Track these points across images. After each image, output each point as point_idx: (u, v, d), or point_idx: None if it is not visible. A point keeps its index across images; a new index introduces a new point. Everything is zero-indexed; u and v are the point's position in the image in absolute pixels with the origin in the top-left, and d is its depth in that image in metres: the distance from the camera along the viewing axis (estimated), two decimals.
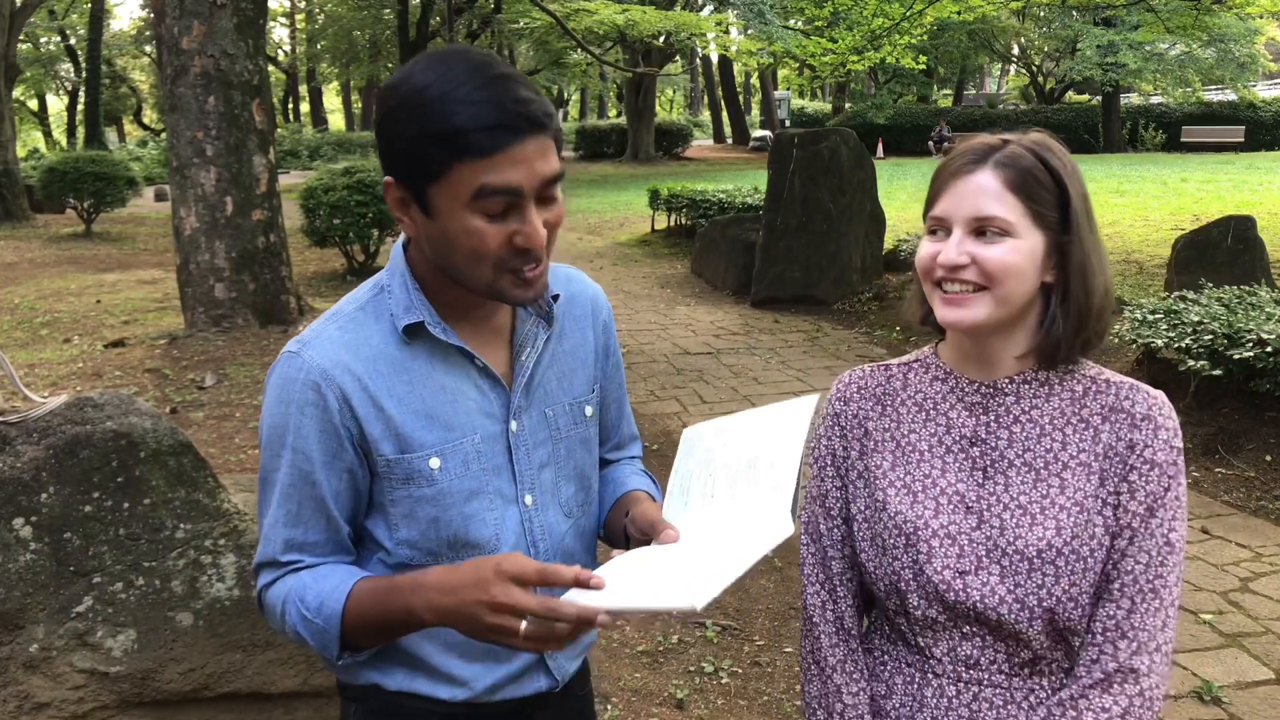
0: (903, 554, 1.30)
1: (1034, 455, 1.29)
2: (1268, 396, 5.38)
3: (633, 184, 23.67)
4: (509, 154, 1.15)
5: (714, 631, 3.72)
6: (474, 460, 1.30)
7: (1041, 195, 1.25)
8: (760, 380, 7.30)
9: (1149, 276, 10.03)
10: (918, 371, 1.40)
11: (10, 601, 2.15)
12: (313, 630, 1.26)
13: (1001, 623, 1.26)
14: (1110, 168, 22.52)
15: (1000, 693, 1.29)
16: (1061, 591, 1.24)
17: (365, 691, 1.38)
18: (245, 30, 7.88)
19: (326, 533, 1.30)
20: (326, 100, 56.87)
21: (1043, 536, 1.25)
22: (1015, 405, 1.31)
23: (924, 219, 1.34)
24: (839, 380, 1.45)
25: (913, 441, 1.35)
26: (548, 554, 1.38)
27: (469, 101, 1.13)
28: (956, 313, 1.26)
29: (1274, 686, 3.34)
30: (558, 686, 1.43)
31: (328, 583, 1.26)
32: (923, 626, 1.31)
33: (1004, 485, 1.29)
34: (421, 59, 1.19)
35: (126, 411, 2.30)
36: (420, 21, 28.88)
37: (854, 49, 14.56)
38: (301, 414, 1.25)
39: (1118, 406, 1.28)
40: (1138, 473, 1.26)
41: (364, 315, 1.30)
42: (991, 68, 50.68)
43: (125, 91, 44.96)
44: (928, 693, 1.32)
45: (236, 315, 7.94)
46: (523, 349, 1.35)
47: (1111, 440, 1.27)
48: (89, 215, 16.18)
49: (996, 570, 1.26)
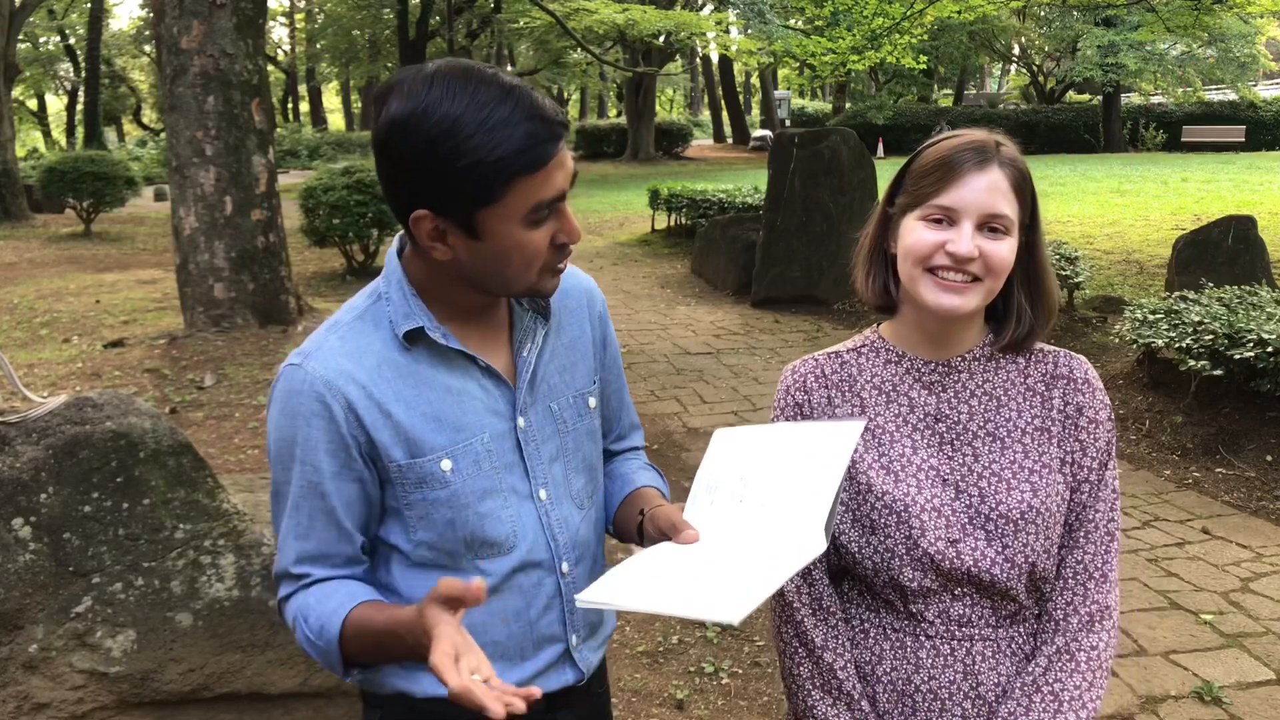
0: (895, 531, 1.37)
1: (995, 425, 1.40)
2: (1268, 396, 5.38)
3: (633, 184, 23.66)
4: (554, 163, 1.19)
5: (714, 631, 3.72)
6: (485, 459, 1.31)
7: (1027, 197, 1.36)
8: (760, 380, 7.30)
9: (1149, 276, 10.03)
10: (868, 356, 1.47)
11: (10, 602, 2.15)
12: (317, 651, 1.29)
13: (994, 582, 1.36)
14: (1111, 167, 22.52)
15: (989, 644, 1.39)
16: (1040, 546, 1.36)
17: (391, 700, 1.38)
18: (245, 30, 7.87)
19: (338, 544, 1.30)
20: (326, 100, 56.88)
21: (1022, 499, 1.36)
22: (970, 380, 1.41)
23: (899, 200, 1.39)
24: (791, 371, 1.50)
25: (880, 424, 1.42)
26: (566, 546, 1.39)
27: (512, 123, 1.15)
28: (954, 300, 1.33)
29: (1275, 687, 3.34)
30: (583, 679, 1.44)
31: (327, 606, 1.27)
32: (915, 595, 1.38)
33: (973, 456, 1.39)
34: (428, 87, 1.17)
35: (126, 412, 2.30)
36: (420, 21, 28.83)
37: (854, 49, 14.56)
38: (308, 425, 1.26)
39: (1058, 374, 1.41)
40: (1086, 432, 1.40)
41: (363, 324, 1.31)
42: (992, 68, 50.69)
43: (125, 91, 44.94)
44: (921, 654, 1.39)
45: (236, 315, 7.94)
46: (523, 345, 1.36)
47: (1060, 404, 1.40)
48: (88, 215, 16.17)
49: (982, 535, 1.36)
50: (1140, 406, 6.09)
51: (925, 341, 1.42)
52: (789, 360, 2.07)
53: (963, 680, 1.37)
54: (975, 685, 1.37)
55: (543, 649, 1.38)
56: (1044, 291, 1.40)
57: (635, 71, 30.13)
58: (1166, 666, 3.48)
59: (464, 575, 1.29)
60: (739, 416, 6.45)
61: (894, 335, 1.46)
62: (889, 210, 1.42)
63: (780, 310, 9.82)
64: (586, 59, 36.82)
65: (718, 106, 43.95)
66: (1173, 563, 4.29)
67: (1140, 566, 4.24)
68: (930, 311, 1.35)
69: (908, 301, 1.42)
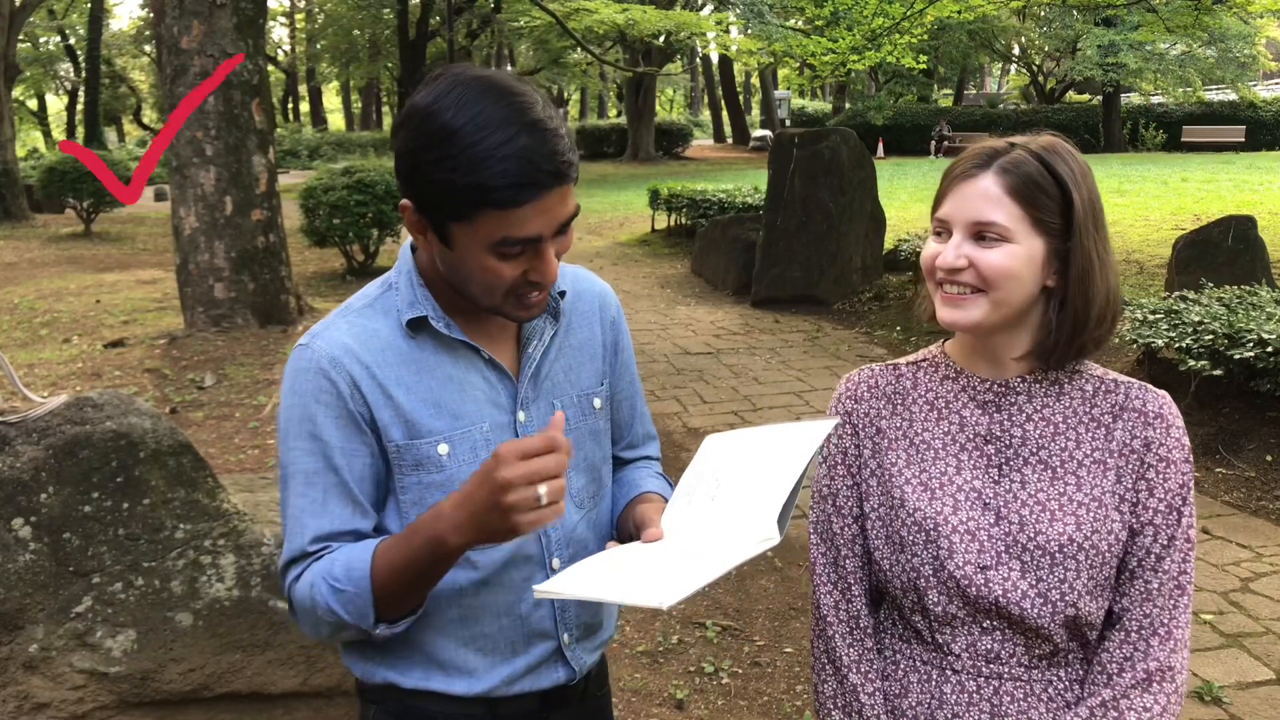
0: (922, 550, 1.31)
1: (1049, 453, 1.31)
2: (1268, 396, 5.38)
3: (633, 184, 23.66)
4: (533, 206, 1.17)
5: (714, 631, 3.72)
6: (482, 448, 1.32)
7: (1043, 201, 1.26)
8: (760, 380, 7.30)
9: (1149, 276, 10.03)
10: (927, 371, 1.41)
11: (10, 602, 2.15)
12: (344, 600, 1.23)
13: (1024, 617, 1.27)
14: (1111, 167, 22.52)
15: (1020, 685, 1.30)
16: (1082, 586, 1.26)
17: (382, 691, 1.39)
18: (245, 30, 7.88)
19: (353, 519, 1.29)
20: (326, 100, 56.88)
21: (1063, 532, 1.27)
22: (1027, 404, 1.33)
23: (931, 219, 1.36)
24: (847, 380, 1.46)
25: (926, 440, 1.36)
26: (559, 543, 1.39)
27: (498, 157, 1.14)
28: (954, 313, 1.29)
29: (1275, 687, 3.34)
30: (575, 678, 1.43)
31: (353, 551, 1.25)
32: (941, 623, 1.32)
33: (1020, 482, 1.31)
34: (455, 88, 1.17)
35: (126, 411, 2.30)
36: (420, 21, 28.83)
37: (854, 48, 14.55)
38: (316, 401, 1.28)
39: (1128, 405, 1.31)
40: (1155, 470, 1.28)
41: (372, 311, 1.34)
42: (992, 67, 50.68)
43: (125, 91, 44.94)
44: (946, 689, 1.32)
45: (236, 315, 7.94)
46: (529, 342, 1.38)
47: (1125, 438, 1.30)
48: (88, 215, 16.18)
49: (1017, 565, 1.28)
50: None
51: (976, 357, 1.36)
52: (789, 360, 2.06)
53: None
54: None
55: (534, 645, 1.38)
56: (1075, 303, 1.28)
57: (635, 71, 30.13)
58: None
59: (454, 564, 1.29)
60: (739, 416, 6.45)
61: (955, 352, 1.41)
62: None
63: (780, 310, 9.82)
64: (586, 59, 36.82)
65: (718, 106, 43.97)
66: None
67: None
68: (944, 326, 1.32)
69: None
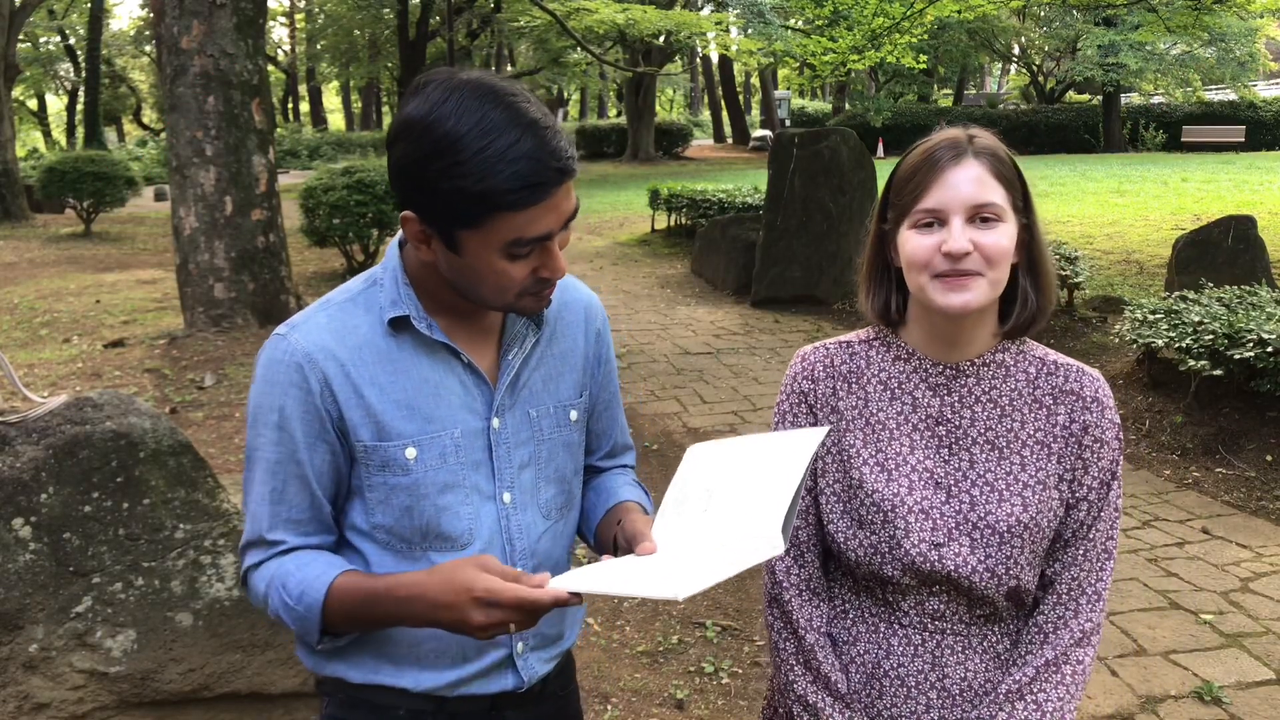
0: (880, 529, 1.39)
1: (996, 434, 1.39)
2: (1268, 396, 5.38)
3: (633, 184, 23.65)
4: (543, 206, 1.19)
5: (714, 631, 3.72)
6: (451, 454, 1.32)
7: (1014, 184, 1.35)
8: (760, 380, 7.30)
9: (1149, 276, 10.03)
10: (879, 349, 1.47)
11: (10, 602, 2.15)
12: (294, 616, 1.29)
13: (971, 588, 1.37)
14: (1111, 167, 22.52)
15: (960, 639, 1.41)
16: (1025, 560, 1.37)
17: (334, 684, 1.41)
18: (245, 30, 7.88)
19: (310, 510, 1.33)
20: (326, 100, 56.85)
21: (1011, 513, 1.36)
22: (976, 386, 1.41)
23: (890, 214, 1.39)
24: (802, 358, 1.50)
25: (881, 420, 1.43)
26: (523, 553, 1.39)
27: (507, 159, 1.15)
28: (961, 296, 1.31)
29: (1274, 687, 3.34)
30: (523, 687, 1.43)
31: (309, 571, 1.28)
32: (894, 588, 1.41)
33: (969, 462, 1.39)
34: (450, 95, 1.17)
35: (126, 411, 2.30)
36: (420, 21, 28.81)
37: (854, 48, 14.53)
38: (285, 394, 1.29)
39: (1067, 389, 1.40)
40: (1091, 451, 1.39)
41: (354, 305, 1.34)
42: (992, 67, 50.67)
43: (125, 91, 44.91)
44: (894, 641, 1.42)
45: (236, 315, 7.94)
46: (510, 349, 1.38)
47: (1065, 421, 1.39)
48: (88, 215, 16.17)
49: (967, 542, 1.37)
50: (1140, 406, 6.09)
51: (935, 343, 1.42)
52: (789, 360, 2.07)
53: (930, 671, 1.41)
54: (941, 677, 1.40)
55: (485, 653, 1.38)
56: (1046, 276, 1.39)
57: (635, 71, 30.11)
58: (1166, 666, 3.48)
59: (416, 565, 1.32)
60: (739, 416, 6.45)
61: (908, 335, 1.45)
62: (883, 227, 1.42)
63: (780, 310, 9.82)
64: (586, 59, 36.80)
65: (718, 106, 43.94)
66: (1173, 563, 4.29)
67: (1140, 566, 4.23)
68: (943, 314, 1.35)
69: (918, 310, 1.42)
